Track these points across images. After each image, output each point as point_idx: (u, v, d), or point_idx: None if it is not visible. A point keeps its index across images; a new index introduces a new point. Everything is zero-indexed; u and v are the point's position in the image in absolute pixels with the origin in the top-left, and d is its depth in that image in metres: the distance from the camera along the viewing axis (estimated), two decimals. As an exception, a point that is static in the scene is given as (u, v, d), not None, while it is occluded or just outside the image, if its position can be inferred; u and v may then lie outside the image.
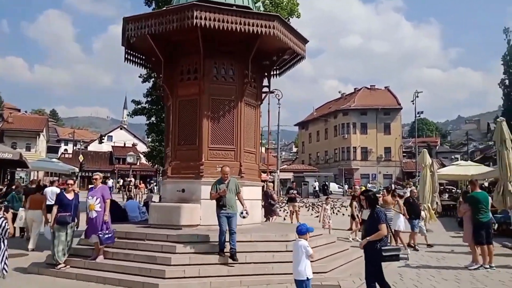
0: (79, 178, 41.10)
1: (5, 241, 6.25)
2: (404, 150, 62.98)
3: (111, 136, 71.78)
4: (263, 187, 15.57)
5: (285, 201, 18.54)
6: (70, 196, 8.21)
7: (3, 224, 6.14)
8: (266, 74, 10.86)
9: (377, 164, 58.48)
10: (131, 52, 10.55)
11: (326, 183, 40.20)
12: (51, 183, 22.44)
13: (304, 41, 10.25)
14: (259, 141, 10.58)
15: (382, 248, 5.52)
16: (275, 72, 11.68)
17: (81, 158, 39.36)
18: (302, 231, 5.46)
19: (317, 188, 36.87)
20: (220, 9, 8.57)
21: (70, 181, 8.93)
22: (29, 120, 56.62)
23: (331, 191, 39.45)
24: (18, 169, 28.38)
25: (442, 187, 28.06)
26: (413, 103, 38.34)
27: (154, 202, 12.39)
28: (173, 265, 7.25)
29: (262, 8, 18.00)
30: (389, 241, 11.01)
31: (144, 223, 9.76)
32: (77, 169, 29.07)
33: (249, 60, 9.52)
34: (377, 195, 11.75)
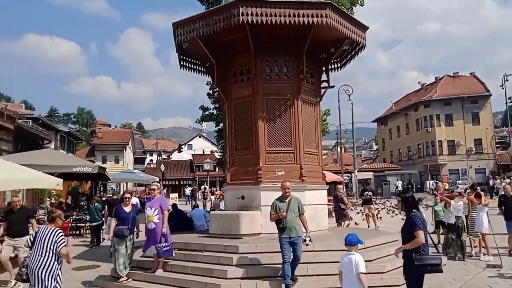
0: (161, 186, 42.99)
1: (60, 259, 5.49)
2: (497, 140, 57.51)
3: (191, 144, 74.42)
4: (335, 188, 14.78)
5: (360, 204, 17.42)
6: (127, 209, 8.15)
7: (56, 238, 5.39)
8: (324, 68, 10.11)
9: (467, 158, 53.96)
10: (186, 58, 10.41)
11: (410, 181, 37.32)
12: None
13: (363, 28, 9.37)
14: (320, 141, 9.85)
15: (416, 257, 4.66)
16: (334, 66, 10.89)
17: (162, 167, 40.93)
18: (352, 242, 4.71)
19: (399, 188, 34.54)
20: (266, 2, 8.04)
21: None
22: (116, 134, 60.48)
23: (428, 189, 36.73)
24: (102, 181, 30.04)
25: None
26: (502, 88, 34.73)
27: (221, 210, 12.18)
28: (229, 278, 6.82)
29: None
30: (475, 244, 9.79)
31: (206, 233, 9.47)
32: (157, 179, 30.19)
33: (303, 54, 8.88)
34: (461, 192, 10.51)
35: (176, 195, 31.27)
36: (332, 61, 10.75)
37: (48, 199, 24.39)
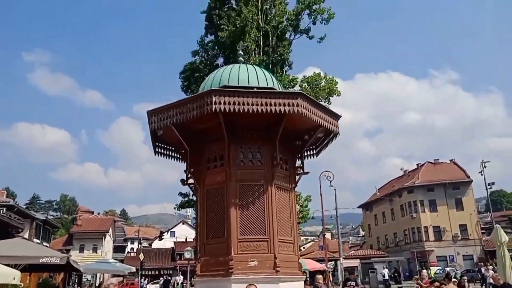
0: (139, 276, 40.80)
1: None
2: (482, 226, 57.36)
3: (174, 231, 72.47)
4: (315, 279, 14.14)
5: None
6: None
7: None
8: (299, 154, 10.15)
9: (454, 244, 53.46)
10: (161, 145, 10.39)
11: (397, 269, 36.09)
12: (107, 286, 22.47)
13: (336, 116, 9.58)
14: (296, 228, 9.56)
15: None
16: (310, 153, 11.00)
17: (141, 256, 39.34)
18: None
19: (386, 276, 33.26)
20: (240, 92, 8.25)
21: (110, 284, 8.21)
22: (96, 222, 58.82)
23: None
24: (77, 272, 28.65)
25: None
26: (481, 175, 35.38)
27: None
28: None
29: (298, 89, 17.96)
30: None
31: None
32: (133, 269, 28.77)
33: (276, 141, 8.93)
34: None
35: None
36: (307, 148, 10.89)
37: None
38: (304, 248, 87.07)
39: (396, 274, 33.76)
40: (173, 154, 10.57)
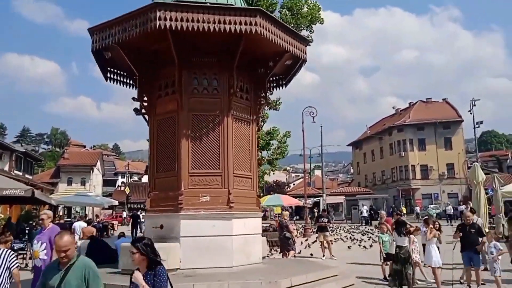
0: (125, 209, 41.20)
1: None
2: (469, 166, 57.75)
3: (164, 166, 72.68)
4: (281, 215, 13.75)
5: (315, 231, 16.39)
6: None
7: (10, 259, 5.69)
8: (265, 84, 9.21)
9: (440, 182, 53.95)
10: (112, 70, 9.39)
11: (373, 207, 35.64)
12: (80, 218, 22.30)
13: (304, 41, 8.58)
14: (256, 162, 8.87)
15: None
16: (281, 83, 10.11)
17: (127, 190, 39.43)
18: None
19: (364, 213, 33.21)
20: (189, 7, 7.16)
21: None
22: (84, 155, 58.52)
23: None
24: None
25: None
26: (470, 113, 34.76)
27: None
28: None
29: (278, 15, 16.57)
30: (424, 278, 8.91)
31: (116, 268, 8.17)
32: (115, 202, 28.67)
33: (233, 66, 7.99)
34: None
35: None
36: (277, 77, 10.00)
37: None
38: (294, 184, 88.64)
39: (371, 212, 33.65)
40: (126, 80, 9.58)
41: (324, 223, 14.07)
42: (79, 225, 17.30)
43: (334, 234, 18.99)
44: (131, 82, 9.59)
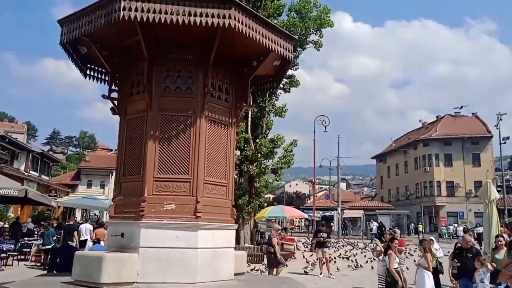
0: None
1: None
2: (499, 184, 55.17)
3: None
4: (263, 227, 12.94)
5: (314, 246, 15.46)
6: None
7: None
8: (245, 84, 8.52)
9: (466, 200, 51.76)
10: (92, 67, 8.91)
11: (382, 223, 33.53)
12: (86, 221, 22.31)
13: (288, 38, 7.85)
14: (233, 169, 8.16)
15: None
16: (271, 85, 9.44)
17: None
18: None
19: (373, 230, 31.53)
20: (157, -4, 6.57)
21: None
22: (106, 159, 59.13)
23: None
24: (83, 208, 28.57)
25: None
26: (496, 128, 33.04)
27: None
28: None
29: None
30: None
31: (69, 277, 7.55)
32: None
33: (209, 63, 7.36)
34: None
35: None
36: (269, 79, 9.32)
37: (1, 222, 22.91)
38: (317, 196, 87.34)
39: (383, 229, 31.27)
40: (105, 78, 9.07)
41: (323, 238, 13.18)
42: (85, 227, 18.31)
43: (338, 249, 17.95)
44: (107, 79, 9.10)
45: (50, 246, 15.09)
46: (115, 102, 8.13)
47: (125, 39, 7.64)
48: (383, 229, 29.74)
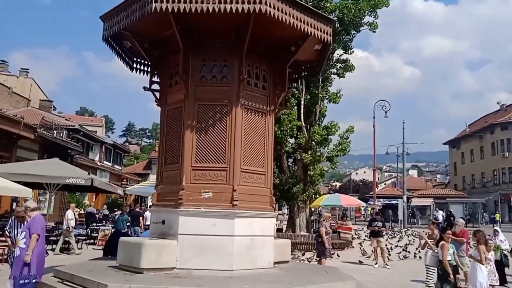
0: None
1: None
2: None
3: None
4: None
5: (368, 236, 14.94)
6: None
7: None
8: (283, 71, 8.35)
9: (551, 188, 47.38)
10: (138, 60, 9.21)
11: (451, 212, 31.10)
12: (147, 208, 23.58)
13: (326, 20, 7.56)
14: (271, 157, 8.05)
15: None
16: (315, 70, 9.20)
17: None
18: None
19: (439, 219, 28.62)
20: (187, -13, 6.60)
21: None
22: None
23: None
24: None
25: None
26: None
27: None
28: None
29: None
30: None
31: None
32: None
33: (243, 50, 7.30)
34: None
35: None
36: (309, 65, 9.07)
37: (77, 209, 24.78)
38: (385, 184, 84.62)
39: (449, 219, 28.64)
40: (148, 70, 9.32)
41: (378, 227, 12.73)
42: (149, 213, 19.05)
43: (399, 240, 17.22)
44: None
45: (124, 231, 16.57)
46: (156, 94, 8.35)
47: (162, 31, 7.76)
48: (452, 218, 27.59)
